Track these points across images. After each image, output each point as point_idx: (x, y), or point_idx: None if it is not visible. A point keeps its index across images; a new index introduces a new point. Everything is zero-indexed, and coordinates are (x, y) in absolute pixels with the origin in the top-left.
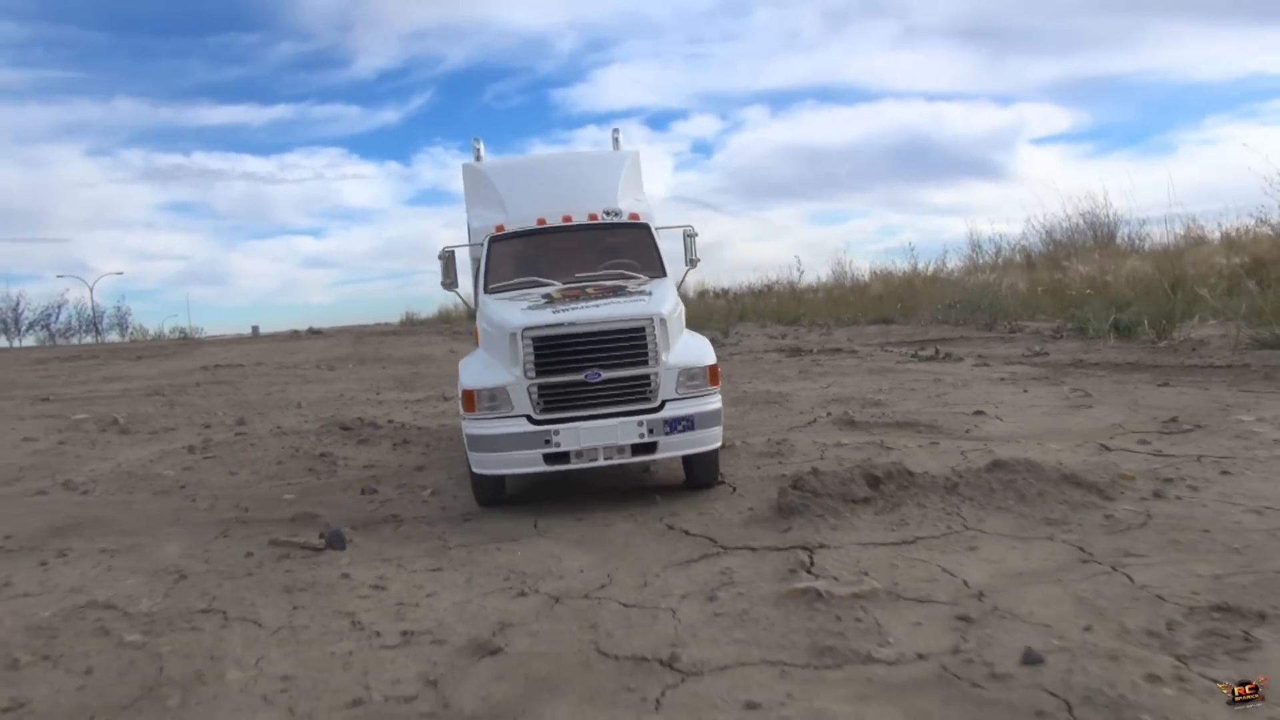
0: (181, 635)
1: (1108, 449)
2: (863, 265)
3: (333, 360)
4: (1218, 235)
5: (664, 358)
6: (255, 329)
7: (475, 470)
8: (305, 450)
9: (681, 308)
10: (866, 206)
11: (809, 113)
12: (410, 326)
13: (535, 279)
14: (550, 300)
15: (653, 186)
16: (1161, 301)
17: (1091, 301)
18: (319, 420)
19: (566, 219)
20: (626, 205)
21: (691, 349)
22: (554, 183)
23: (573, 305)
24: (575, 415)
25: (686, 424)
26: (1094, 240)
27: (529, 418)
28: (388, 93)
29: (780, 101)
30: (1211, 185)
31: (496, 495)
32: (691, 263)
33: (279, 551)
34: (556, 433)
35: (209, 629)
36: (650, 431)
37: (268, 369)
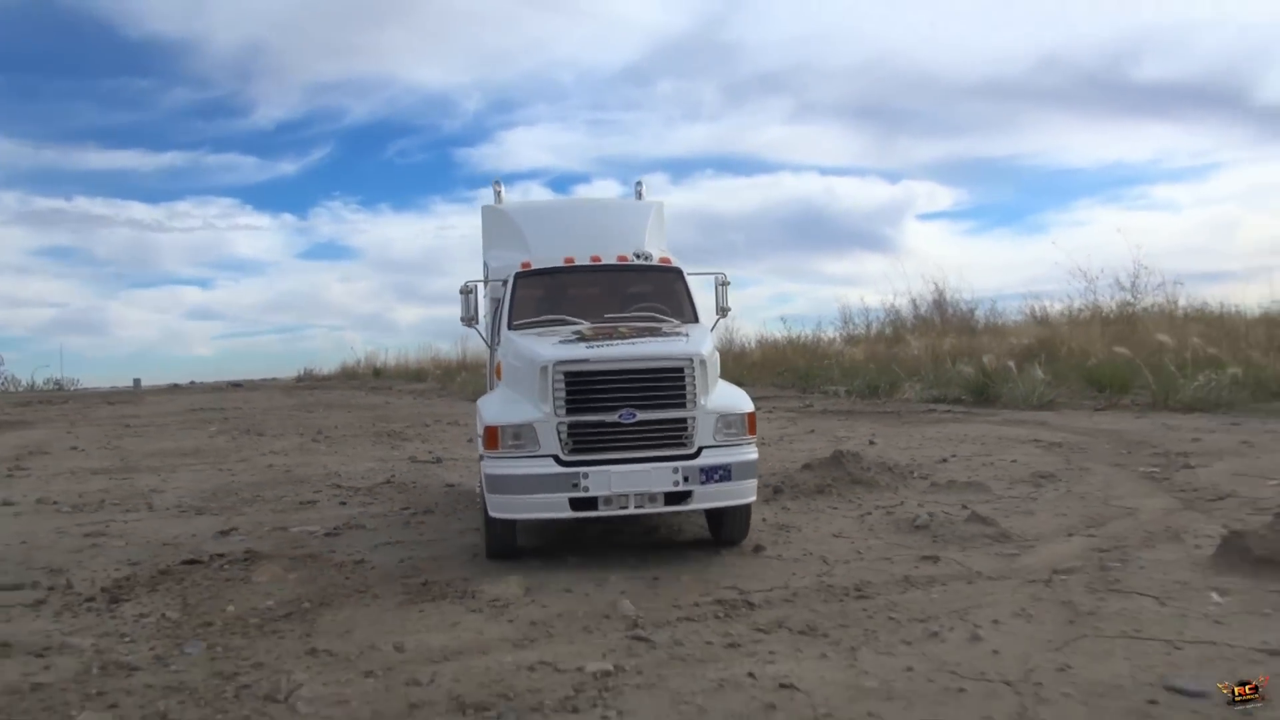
0: None
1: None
2: (751, 332)
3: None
4: (1056, 312)
5: (702, 401)
6: (137, 381)
7: (492, 514)
8: None
9: (718, 354)
10: (762, 274)
11: (708, 181)
12: (320, 382)
13: (562, 317)
14: (582, 337)
15: None
16: (896, 373)
17: (865, 371)
18: None
19: (595, 259)
20: (655, 250)
21: (729, 395)
22: (580, 226)
23: (607, 342)
24: (606, 458)
25: (724, 473)
26: (940, 317)
27: (556, 458)
28: (286, 144)
29: (680, 169)
30: (1080, 264)
31: (509, 546)
32: (723, 311)
33: None
34: (585, 475)
35: None
36: (685, 479)
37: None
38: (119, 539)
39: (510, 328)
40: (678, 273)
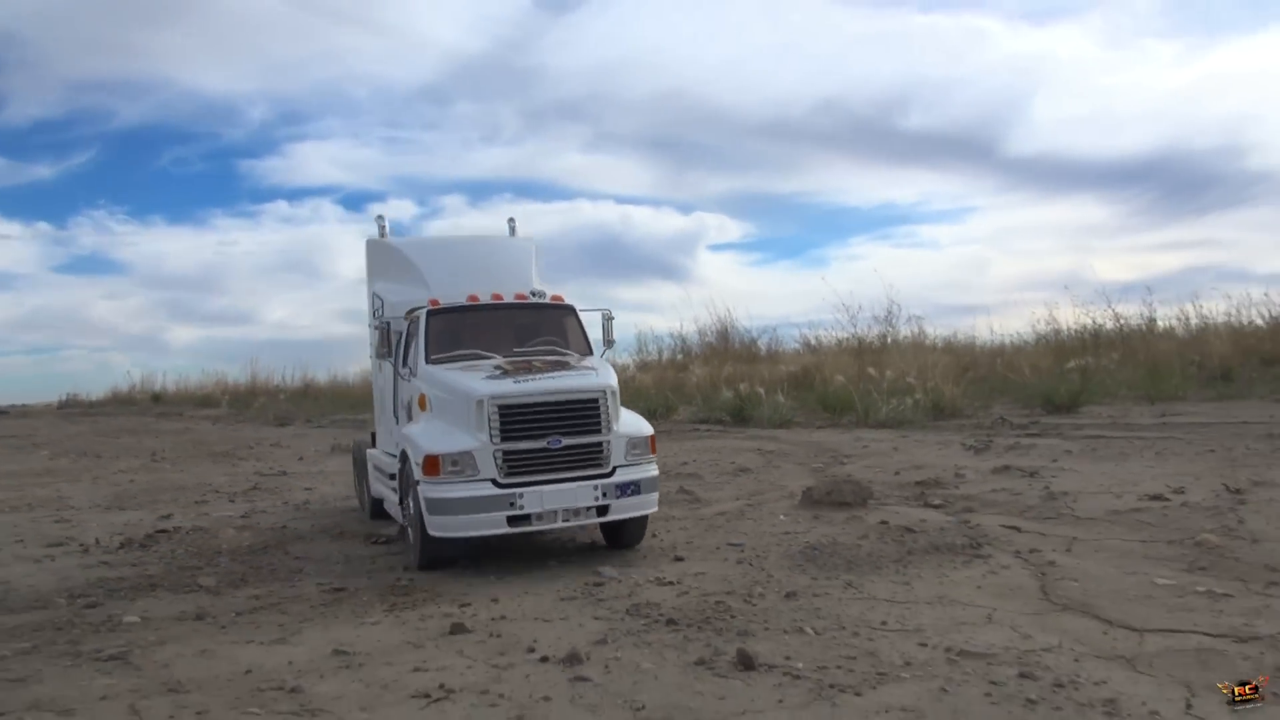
0: None
1: None
2: None
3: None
4: (830, 340)
5: (615, 427)
6: None
7: (432, 533)
8: None
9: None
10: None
11: (507, 205)
12: (92, 408)
13: (476, 352)
14: (504, 372)
15: (346, 267)
16: (671, 399)
17: (648, 396)
18: None
19: (496, 297)
20: (542, 288)
21: (633, 421)
22: (474, 263)
23: (528, 377)
24: (537, 479)
25: (635, 488)
26: (724, 345)
27: (494, 481)
28: (43, 145)
29: (479, 192)
30: (856, 296)
31: (444, 559)
32: (609, 344)
33: None
34: (521, 495)
35: None
36: (604, 495)
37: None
38: (83, 525)
39: (428, 362)
40: (572, 310)
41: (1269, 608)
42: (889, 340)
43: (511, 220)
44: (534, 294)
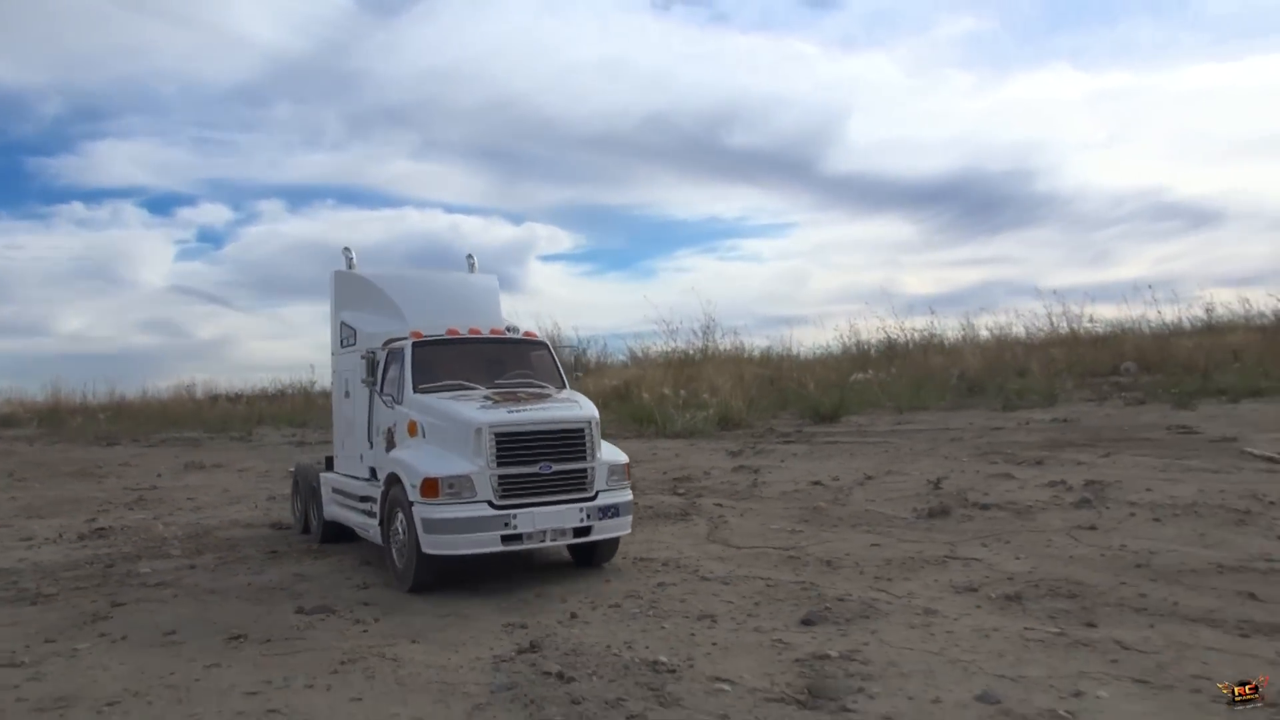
0: None
1: None
2: None
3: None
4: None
5: (598, 454)
6: None
7: (427, 551)
8: None
9: None
10: None
11: (330, 212)
12: None
13: (461, 382)
14: (495, 402)
15: (151, 275)
16: None
17: None
18: None
19: (474, 331)
20: (515, 324)
21: (611, 450)
22: (447, 298)
23: (519, 407)
24: (529, 502)
25: (614, 511)
26: None
27: (490, 503)
28: None
29: (299, 197)
30: (680, 309)
31: (436, 577)
32: (578, 377)
33: None
34: (514, 516)
35: None
36: (588, 516)
37: None
38: (23, 529)
39: (416, 391)
40: (545, 345)
41: (819, 536)
42: (708, 353)
43: (470, 257)
44: (509, 329)
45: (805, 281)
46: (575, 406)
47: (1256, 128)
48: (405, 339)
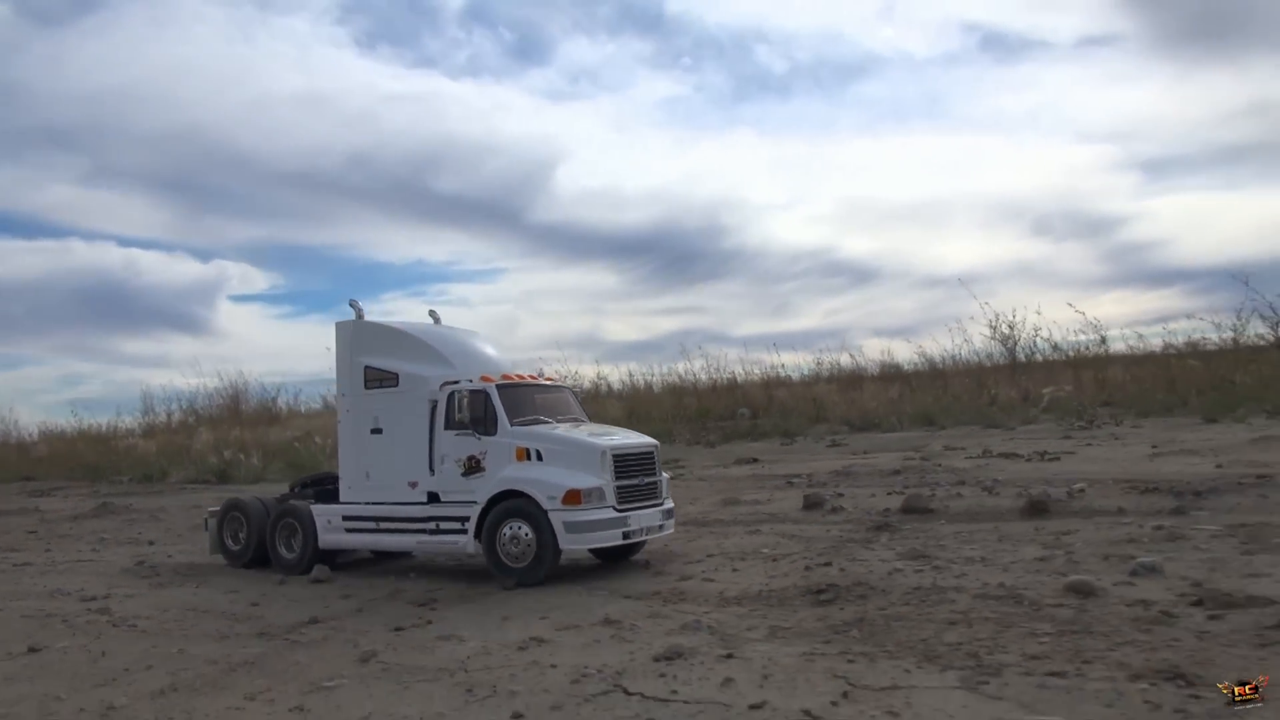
0: None
1: None
2: (34, 420)
3: None
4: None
5: (660, 471)
6: None
7: (565, 547)
8: None
9: None
10: (46, 353)
11: None
12: None
13: (538, 416)
14: (590, 433)
15: None
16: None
17: (152, 463)
18: None
19: (533, 377)
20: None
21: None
22: (469, 349)
23: (608, 434)
24: (635, 506)
25: (672, 513)
26: (235, 407)
27: (614, 508)
28: None
29: None
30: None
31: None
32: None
33: None
34: (629, 518)
35: None
36: (664, 516)
37: None
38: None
39: (512, 424)
40: (573, 389)
41: None
42: None
43: (433, 312)
44: (540, 375)
45: (514, 328)
46: (641, 435)
47: (904, 197)
48: (470, 382)
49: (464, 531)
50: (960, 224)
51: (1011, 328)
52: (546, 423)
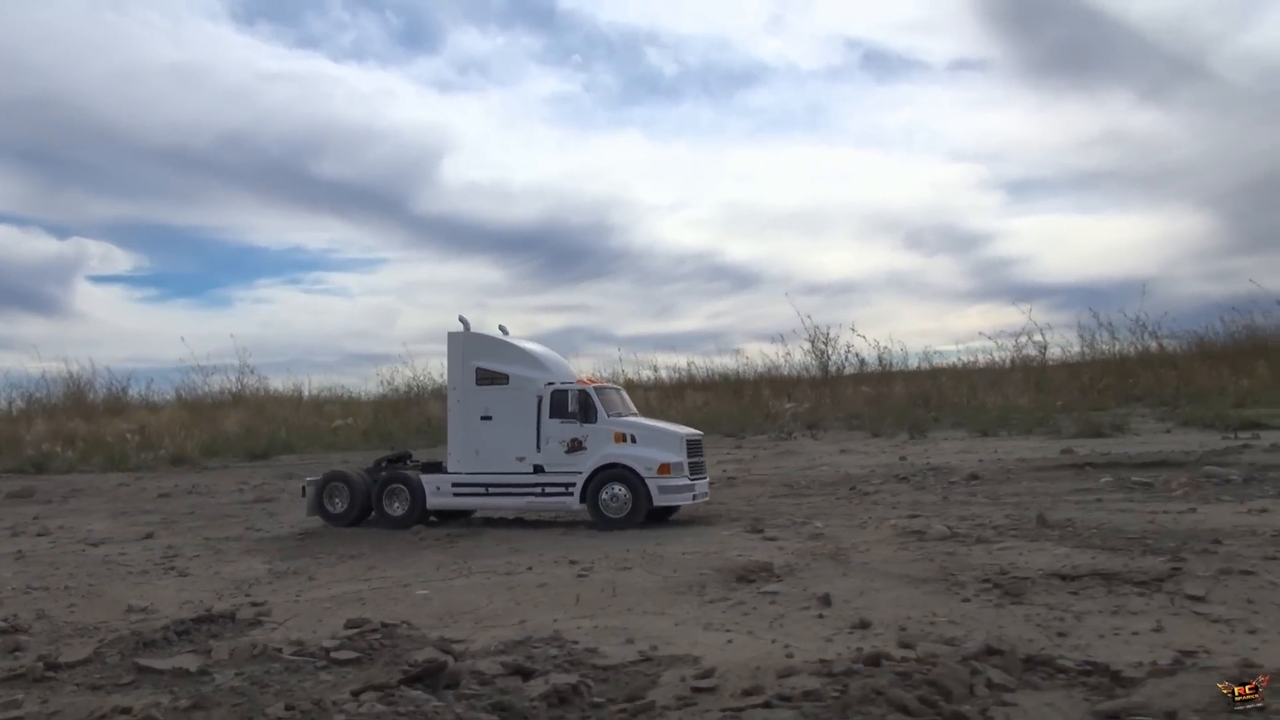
0: None
1: None
2: None
3: None
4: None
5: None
6: None
7: (657, 503)
8: None
9: None
10: None
11: None
12: None
13: (619, 411)
14: (660, 423)
15: None
16: None
17: None
18: None
19: (611, 381)
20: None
21: None
22: (560, 360)
23: (675, 425)
24: (697, 478)
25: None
26: (79, 397)
27: (687, 477)
28: None
29: None
30: (263, 340)
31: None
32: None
33: None
34: (694, 484)
35: None
36: (706, 486)
37: None
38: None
39: (610, 416)
40: (622, 389)
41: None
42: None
43: (503, 326)
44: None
45: (394, 319)
46: (691, 428)
47: (785, 205)
48: (573, 383)
49: (568, 494)
50: (838, 233)
51: (826, 343)
52: (628, 415)
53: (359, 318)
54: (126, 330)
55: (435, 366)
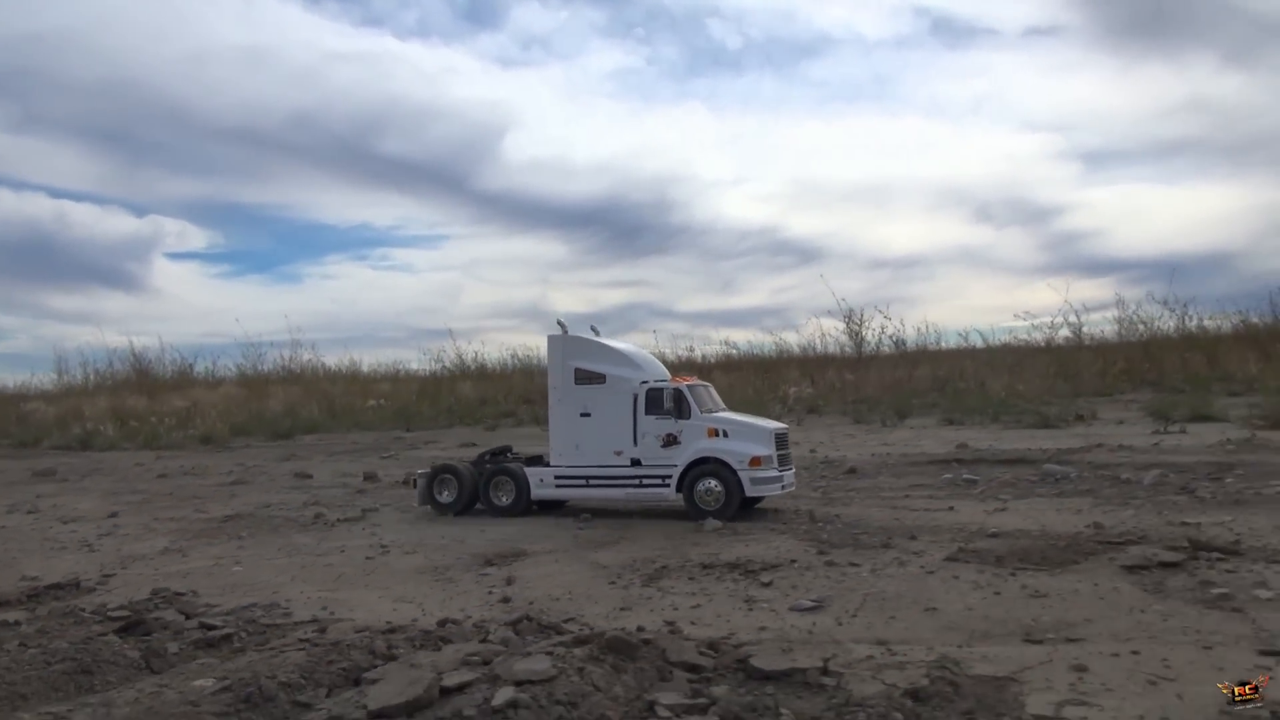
0: None
1: None
2: None
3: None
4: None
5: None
6: None
7: (749, 494)
8: None
9: None
10: None
11: None
12: None
13: (710, 407)
14: (749, 417)
15: None
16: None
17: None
18: None
19: (686, 379)
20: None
21: None
22: (652, 359)
23: (764, 419)
24: (785, 470)
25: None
26: (142, 372)
27: (775, 468)
28: None
29: None
30: (331, 316)
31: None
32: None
33: None
34: (783, 475)
35: None
36: (794, 477)
37: None
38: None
39: (702, 411)
40: (708, 385)
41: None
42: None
43: (594, 327)
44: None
45: (458, 295)
46: (777, 421)
47: (850, 179)
48: (667, 382)
49: (665, 486)
50: (904, 207)
51: (861, 324)
52: (718, 410)
53: (424, 294)
54: (202, 304)
55: (490, 342)
